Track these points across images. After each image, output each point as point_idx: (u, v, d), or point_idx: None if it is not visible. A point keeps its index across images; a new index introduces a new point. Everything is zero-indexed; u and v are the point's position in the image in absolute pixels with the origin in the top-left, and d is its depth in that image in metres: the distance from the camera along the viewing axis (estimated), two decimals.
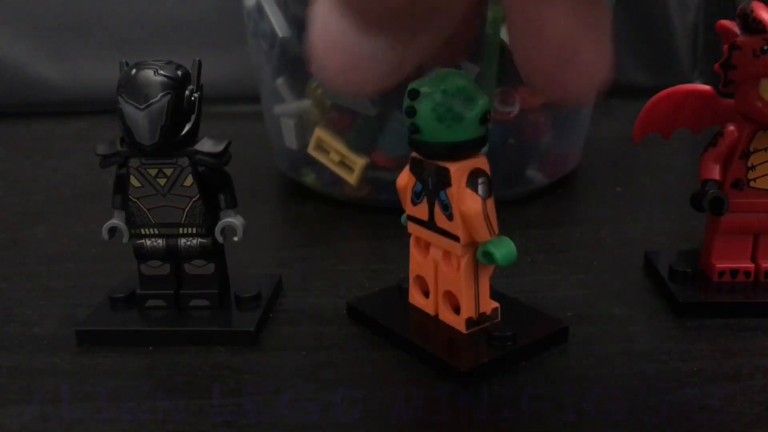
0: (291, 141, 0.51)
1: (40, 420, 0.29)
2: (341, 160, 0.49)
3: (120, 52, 0.77)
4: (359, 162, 0.48)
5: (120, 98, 0.31)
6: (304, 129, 0.50)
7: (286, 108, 0.51)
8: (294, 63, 0.49)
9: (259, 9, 0.49)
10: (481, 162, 0.30)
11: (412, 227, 0.34)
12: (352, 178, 0.48)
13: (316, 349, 0.33)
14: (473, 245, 0.31)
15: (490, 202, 0.30)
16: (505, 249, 0.30)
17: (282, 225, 0.49)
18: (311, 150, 0.49)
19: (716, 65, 0.34)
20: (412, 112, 0.30)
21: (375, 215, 0.49)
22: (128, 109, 0.31)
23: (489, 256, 0.30)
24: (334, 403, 0.29)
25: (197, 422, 0.28)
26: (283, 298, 0.38)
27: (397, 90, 0.45)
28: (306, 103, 0.50)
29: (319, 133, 0.49)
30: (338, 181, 0.49)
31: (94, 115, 0.78)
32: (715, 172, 0.35)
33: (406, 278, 0.35)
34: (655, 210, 0.48)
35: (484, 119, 0.29)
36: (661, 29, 0.75)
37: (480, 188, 0.30)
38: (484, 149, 0.31)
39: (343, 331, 0.35)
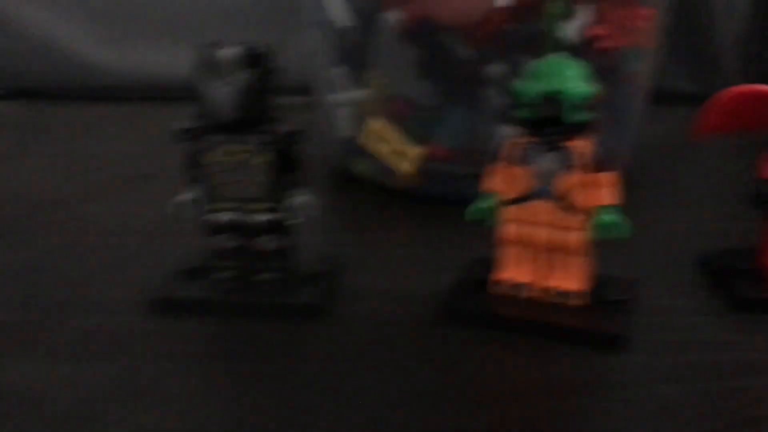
0: (345, 130, 0.52)
1: (125, 376, 0.30)
2: (395, 150, 0.49)
3: (171, 39, 0.79)
4: (414, 152, 0.49)
5: (201, 75, 0.32)
6: (359, 118, 0.51)
7: (342, 97, 0.52)
8: (352, 53, 0.50)
9: None
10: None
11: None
12: (405, 169, 0.49)
13: (381, 324, 0.34)
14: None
15: None
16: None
17: (336, 211, 0.49)
18: (365, 139, 0.50)
19: None
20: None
21: (427, 205, 0.49)
22: (210, 85, 0.32)
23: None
24: (400, 375, 0.30)
25: (270, 386, 0.29)
26: (344, 276, 0.39)
27: (457, 81, 0.46)
28: (363, 93, 0.51)
29: (375, 122, 0.50)
30: (391, 171, 0.50)
31: (143, 101, 0.79)
32: None
33: (471, 267, 0.37)
34: (704, 210, 0.49)
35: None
36: (707, 36, 0.76)
37: None
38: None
39: (406, 310, 0.35)
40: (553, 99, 0.31)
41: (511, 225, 0.34)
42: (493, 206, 0.34)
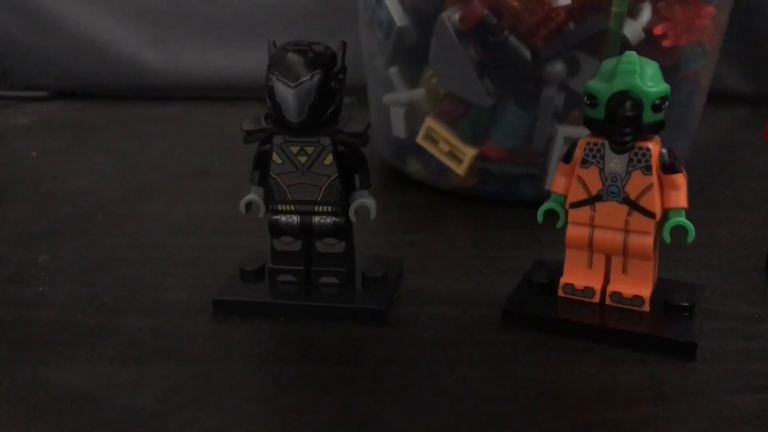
0: (399, 130, 0.52)
1: (185, 379, 0.30)
2: (450, 150, 0.49)
3: (219, 40, 0.79)
4: (469, 152, 0.48)
5: (271, 76, 0.32)
6: (413, 118, 0.51)
7: (397, 97, 0.52)
8: (409, 52, 0.50)
9: None
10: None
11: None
12: (460, 169, 0.49)
13: (443, 329, 0.34)
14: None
15: None
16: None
17: (389, 212, 0.49)
18: (420, 139, 0.50)
19: None
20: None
21: (481, 206, 0.49)
22: (279, 86, 0.32)
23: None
24: (469, 380, 0.30)
25: (337, 389, 0.29)
26: (403, 280, 0.38)
27: (515, 81, 0.45)
28: (418, 93, 0.50)
29: (430, 122, 0.49)
30: (444, 170, 0.50)
31: (189, 101, 0.80)
32: None
33: (534, 270, 0.36)
34: (767, 213, 0.48)
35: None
36: (760, 36, 0.74)
37: None
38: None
39: (466, 313, 0.35)
40: (629, 99, 0.30)
41: (580, 227, 0.33)
42: (561, 208, 0.34)
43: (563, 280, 0.34)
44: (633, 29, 0.44)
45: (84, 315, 0.35)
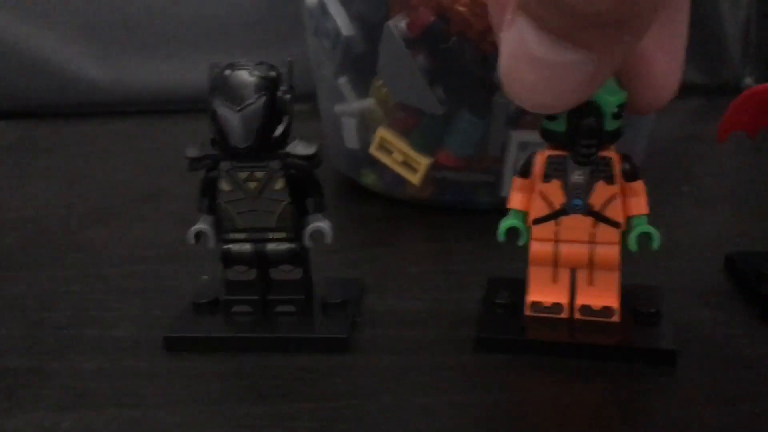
0: (352, 141, 0.51)
1: (134, 423, 0.28)
2: (404, 161, 0.48)
3: (165, 52, 0.78)
4: (424, 162, 0.47)
5: (214, 100, 0.31)
6: (366, 128, 0.50)
7: (348, 107, 0.50)
8: (357, 62, 0.49)
9: (323, 7, 0.49)
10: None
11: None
12: (415, 179, 0.48)
13: (403, 352, 0.33)
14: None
15: None
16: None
17: (346, 226, 0.48)
18: (373, 150, 0.49)
19: None
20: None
21: (438, 215, 0.48)
22: (223, 110, 0.30)
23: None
24: (433, 408, 0.29)
25: (295, 426, 0.28)
26: (362, 302, 0.37)
27: (467, 88, 0.45)
28: (369, 102, 0.49)
29: (383, 132, 0.48)
30: (400, 181, 0.49)
31: (138, 116, 0.78)
32: None
33: (494, 289, 0.35)
34: (726, 211, 0.48)
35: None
36: (712, 27, 0.74)
37: None
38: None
39: (428, 334, 0.34)
40: (592, 109, 0.29)
41: (544, 244, 0.32)
42: (523, 224, 0.32)
43: (529, 298, 0.33)
44: None
45: (24, 359, 0.33)
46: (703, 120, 0.70)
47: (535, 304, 0.33)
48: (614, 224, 0.31)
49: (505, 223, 0.32)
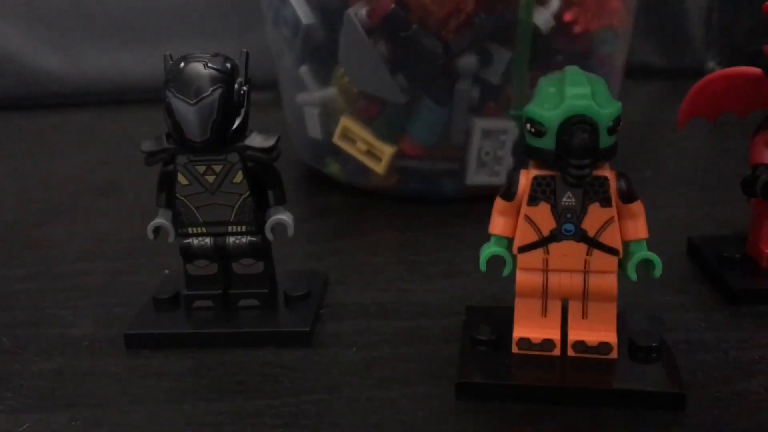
0: (315, 130, 0.50)
1: (93, 425, 0.28)
2: (368, 150, 0.48)
3: (123, 42, 0.76)
4: (387, 151, 0.47)
5: (168, 93, 0.30)
6: (328, 118, 0.49)
7: (310, 97, 0.50)
8: (318, 51, 0.48)
9: None
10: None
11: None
12: (379, 168, 0.47)
13: (366, 345, 0.32)
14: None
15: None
16: None
17: (309, 217, 0.47)
18: (337, 139, 0.48)
19: (765, 47, 0.33)
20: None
21: (403, 205, 0.48)
22: (177, 104, 0.30)
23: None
24: (397, 402, 0.28)
25: (257, 423, 0.27)
26: (325, 294, 0.37)
27: (428, 76, 0.44)
28: (331, 92, 0.48)
29: (345, 122, 0.48)
30: (364, 171, 0.48)
31: (97, 107, 0.76)
32: (767, 156, 0.35)
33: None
34: (689, 195, 0.48)
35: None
36: (675, 10, 0.75)
37: None
38: None
39: (392, 326, 0.34)
40: (586, 124, 0.25)
41: (532, 273, 0.29)
42: (507, 252, 0.29)
43: (517, 334, 0.29)
44: (543, 17, 0.43)
45: None
46: (666, 104, 0.71)
47: (523, 341, 0.29)
48: (612, 251, 0.28)
49: (486, 251, 0.29)
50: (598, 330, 0.29)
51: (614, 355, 0.29)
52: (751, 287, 0.34)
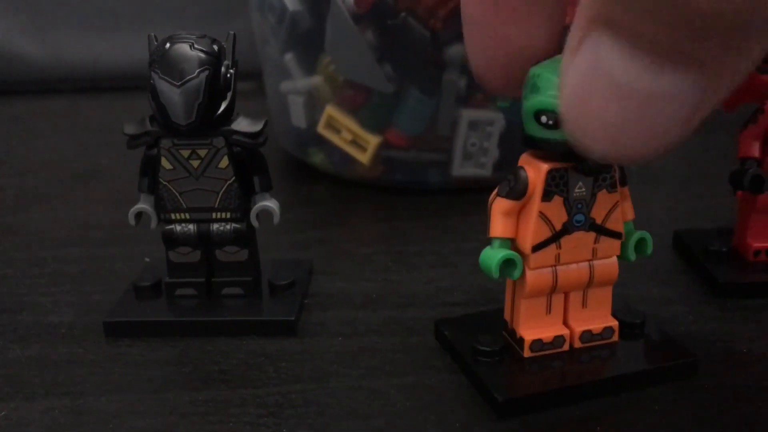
0: (299, 119, 0.50)
1: (71, 414, 0.27)
2: (353, 139, 0.47)
3: (102, 27, 0.74)
4: (373, 141, 0.46)
5: (153, 74, 0.29)
6: (313, 107, 0.49)
7: (295, 85, 0.49)
8: (303, 38, 0.47)
9: None
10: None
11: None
12: (364, 158, 0.47)
13: (353, 335, 0.32)
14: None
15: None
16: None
17: (294, 207, 0.47)
18: (321, 129, 0.48)
19: None
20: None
21: (388, 195, 0.47)
22: (163, 85, 0.29)
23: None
24: (382, 392, 0.28)
25: (242, 413, 0.27)
26: (310, 283, 0.36)
27: (416, 65, 0.44)
28: (316, 80, 0.48)
29: (331, 111, 0.47)
30: (349, 160, 0.48)
31: (74, 94, 0.75)
32: (755, 150, 0.35)
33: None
34: (674, 189, 0.48)
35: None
36: None
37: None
38: None
39: (378, 316, 0.33)
40: None
41: (543, 272, 0.27)
42: (515, 254, 0.27)
43: (528, 336, 0.28)
44: None
45: None
46: None
47: (536, 343, 0.28)
48: (616, 235, 0.28)
49: (498, 257, 0.26)
50: (597, 316, 0.29)
51: (616, 338, 0.29)
52: (738, 280, 0.34)
